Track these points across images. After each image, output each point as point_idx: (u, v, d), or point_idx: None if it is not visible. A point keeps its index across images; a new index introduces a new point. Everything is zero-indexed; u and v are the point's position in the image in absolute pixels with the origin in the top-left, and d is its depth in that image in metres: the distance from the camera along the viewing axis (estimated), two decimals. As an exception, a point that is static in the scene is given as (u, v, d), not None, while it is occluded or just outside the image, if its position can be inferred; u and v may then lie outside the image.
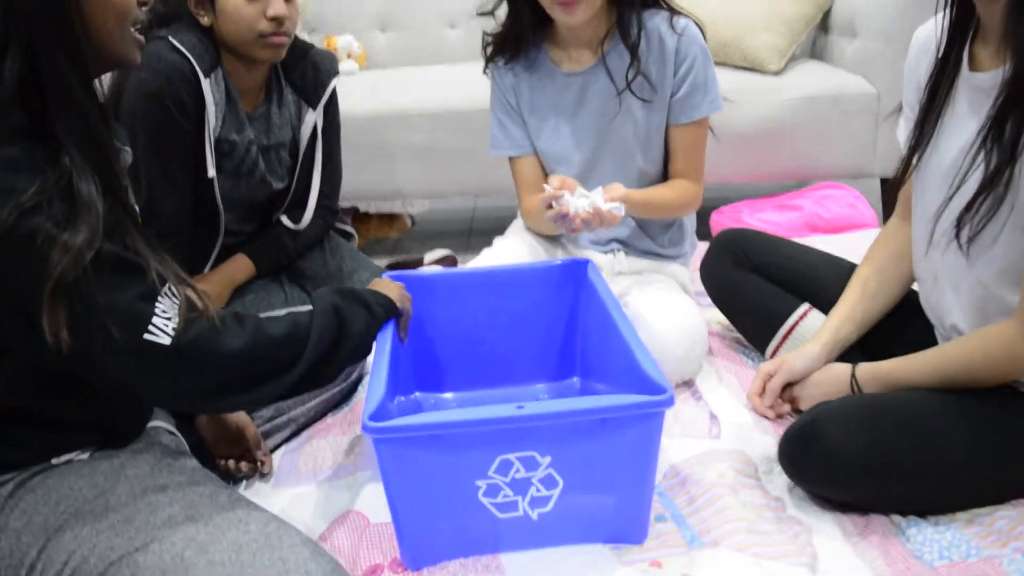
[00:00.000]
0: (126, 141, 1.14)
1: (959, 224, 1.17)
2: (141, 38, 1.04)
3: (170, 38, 1.57)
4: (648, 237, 1.77)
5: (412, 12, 2.97)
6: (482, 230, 1.93)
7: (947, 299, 1.28)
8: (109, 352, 0.92)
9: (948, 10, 1.22)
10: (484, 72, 1.79)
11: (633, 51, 1.61)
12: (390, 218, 2.69)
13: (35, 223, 0.87)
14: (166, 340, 0.94)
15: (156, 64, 1.55)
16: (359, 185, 2.45)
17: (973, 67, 1.20)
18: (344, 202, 2.27)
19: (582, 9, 1.55)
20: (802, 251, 1.63)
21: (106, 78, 1.28)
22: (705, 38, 1.66)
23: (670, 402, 1.08)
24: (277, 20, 1.59)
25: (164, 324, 0.94)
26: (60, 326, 0.88)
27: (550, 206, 1.44)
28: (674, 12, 1.65)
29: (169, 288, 0.97)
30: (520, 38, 1.69)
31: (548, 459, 1.10)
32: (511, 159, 1.78)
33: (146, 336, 0.93)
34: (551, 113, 1.72)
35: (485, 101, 2.33)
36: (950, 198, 1.18)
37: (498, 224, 1.88)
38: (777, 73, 2.53)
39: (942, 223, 1.22)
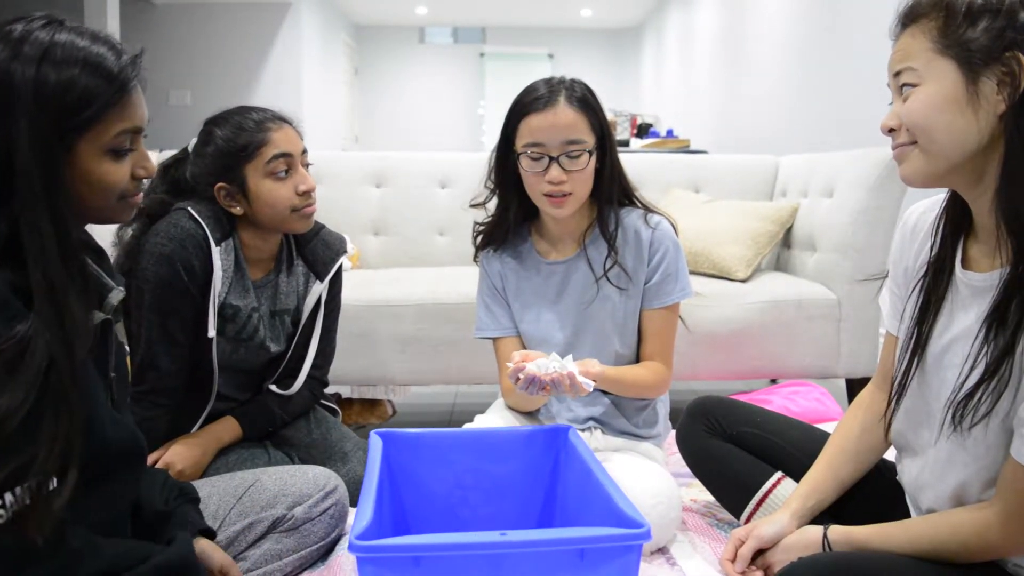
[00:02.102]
0: (121, 281, 1.19)
1: (961, 411, 1.16)
2: (136, 199, 1.11)
3: (189, 208, 1.71)
4: (623, 417, 1.85)
5: (405, 220, 3.18)
6: (461, 420, 2.00)
7: (924, 479, 1.29)
8: None
9: (943, 211, 1.26)
10: (475, 260, 1.93)
11: (611, 242, 1.77)
12: (372, 405, 2.75)
13: None
14: None
15: (172, 230, 1.68)
16: (347, 370, 2.53)
17: (966, 265, 1.22)
18: (330, 386, 2.35)
19: (570, 203, 1.72)
20: (774, 420, 1.68)
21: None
22: (677, 233, 1.82)
23: (647, 536, 1.12)
24: (307, 193, 1.75)
25: None
26: None
27: (519, 379, 1.53)
28: (648, 210, 1.83)
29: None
30: (508, 229, 1.85)
31: (527, 594, 1.12)
32: (494, 340, 1.88)
33: None
34: (535, 299, 1.85)
35: (469, 295, 2.49)
36: (960, 386, 1.17)
37: (478, 411, 1.96)
38: (744, 280, 2.71)
39: (941, 411, 1.21)
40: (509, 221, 1.85)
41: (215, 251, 1.71)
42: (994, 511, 1.15)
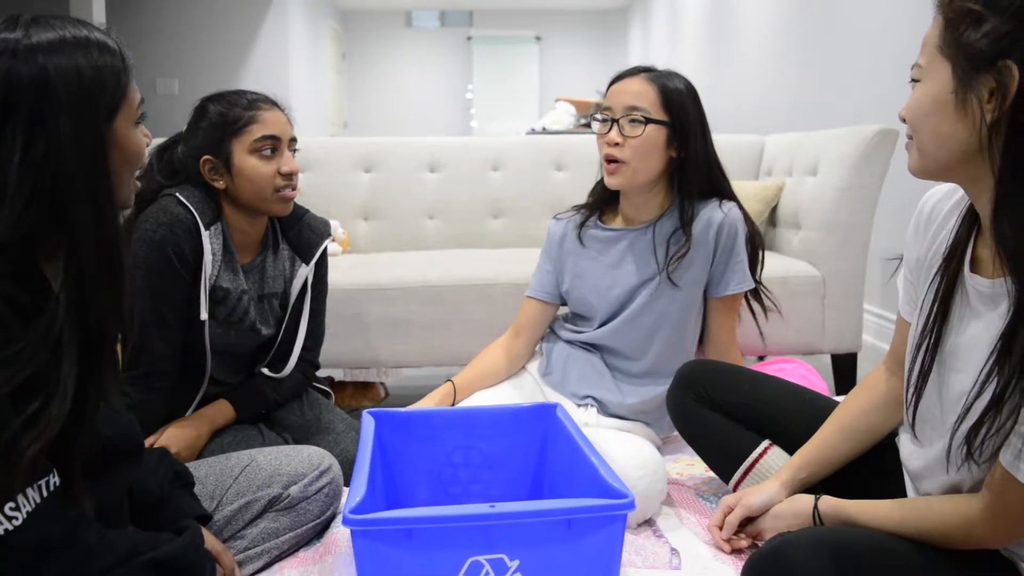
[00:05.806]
0: None
1: (968, 448, 1.12)
2: (138, 183, 1.15)
3: (177, 194, 1.74)
4: (626, 404, 1.91)
5: (394, 204, 3.20)
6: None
7: (925, 470, 1.28)
8: None
9: (967, 205, 1.20)
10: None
11: (687, 230, 1.86)
12: (364, 387, 2.78)
13: None
14: None
15: (162, 216, 1.71)
16: (340, 354, 2.57)
17: (974, 268, 1.18)
18: (323, 369, 2.38)
19: (622, 173, 1.80)
20: (763, 385, 1.67)
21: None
22: (750, 222, 1.98)
23: (631, 506, 1.16)
24: (289, 175, 1.79)
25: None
26: None
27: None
28: (723, 198, 1.92)
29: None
30: (593, 203, 1.99)
31: (516, 563, 1.16)
32: (527, 297, 2.02)
33: None
34: (589, 263, 1.95)
35: (459, 277, 2.52)
36: (965, 411, 1.14)
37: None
38: (730, 259, 2.74)
39: (946, 426, 1.19)
40: (596, 194, 1.97)
41: (204, 235, 1.74)
42: (978, 508, 1.15)
